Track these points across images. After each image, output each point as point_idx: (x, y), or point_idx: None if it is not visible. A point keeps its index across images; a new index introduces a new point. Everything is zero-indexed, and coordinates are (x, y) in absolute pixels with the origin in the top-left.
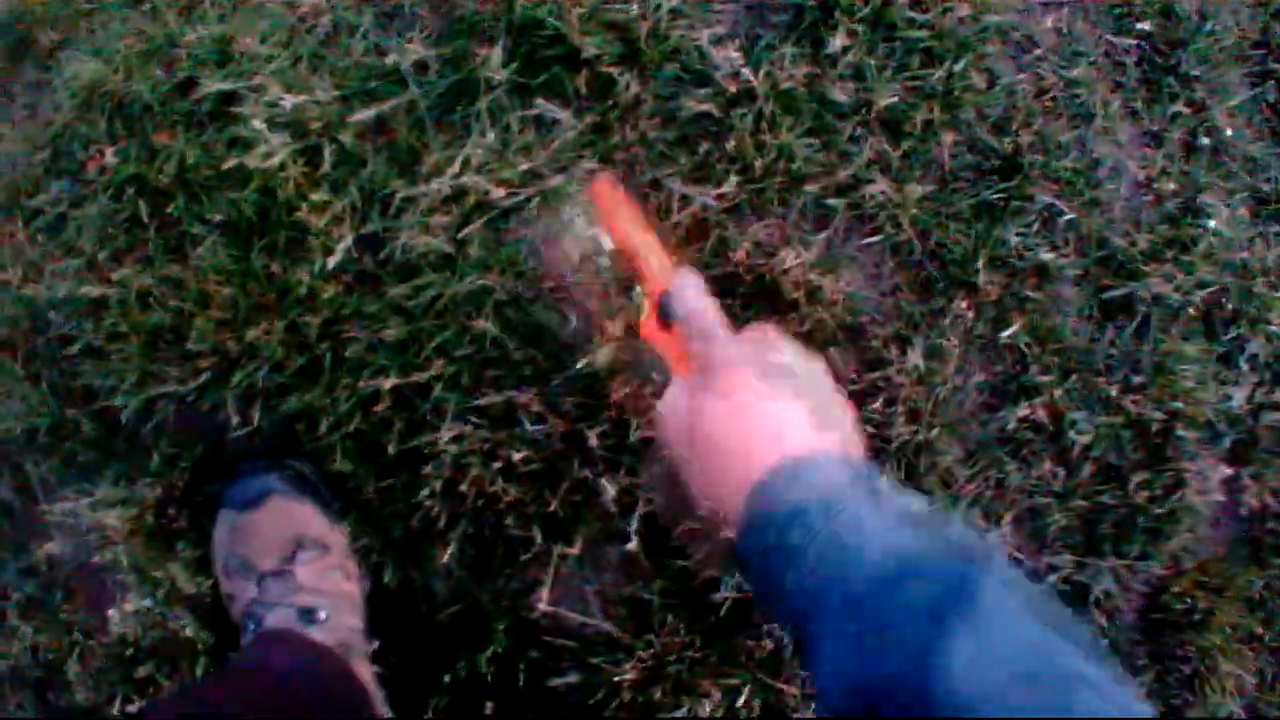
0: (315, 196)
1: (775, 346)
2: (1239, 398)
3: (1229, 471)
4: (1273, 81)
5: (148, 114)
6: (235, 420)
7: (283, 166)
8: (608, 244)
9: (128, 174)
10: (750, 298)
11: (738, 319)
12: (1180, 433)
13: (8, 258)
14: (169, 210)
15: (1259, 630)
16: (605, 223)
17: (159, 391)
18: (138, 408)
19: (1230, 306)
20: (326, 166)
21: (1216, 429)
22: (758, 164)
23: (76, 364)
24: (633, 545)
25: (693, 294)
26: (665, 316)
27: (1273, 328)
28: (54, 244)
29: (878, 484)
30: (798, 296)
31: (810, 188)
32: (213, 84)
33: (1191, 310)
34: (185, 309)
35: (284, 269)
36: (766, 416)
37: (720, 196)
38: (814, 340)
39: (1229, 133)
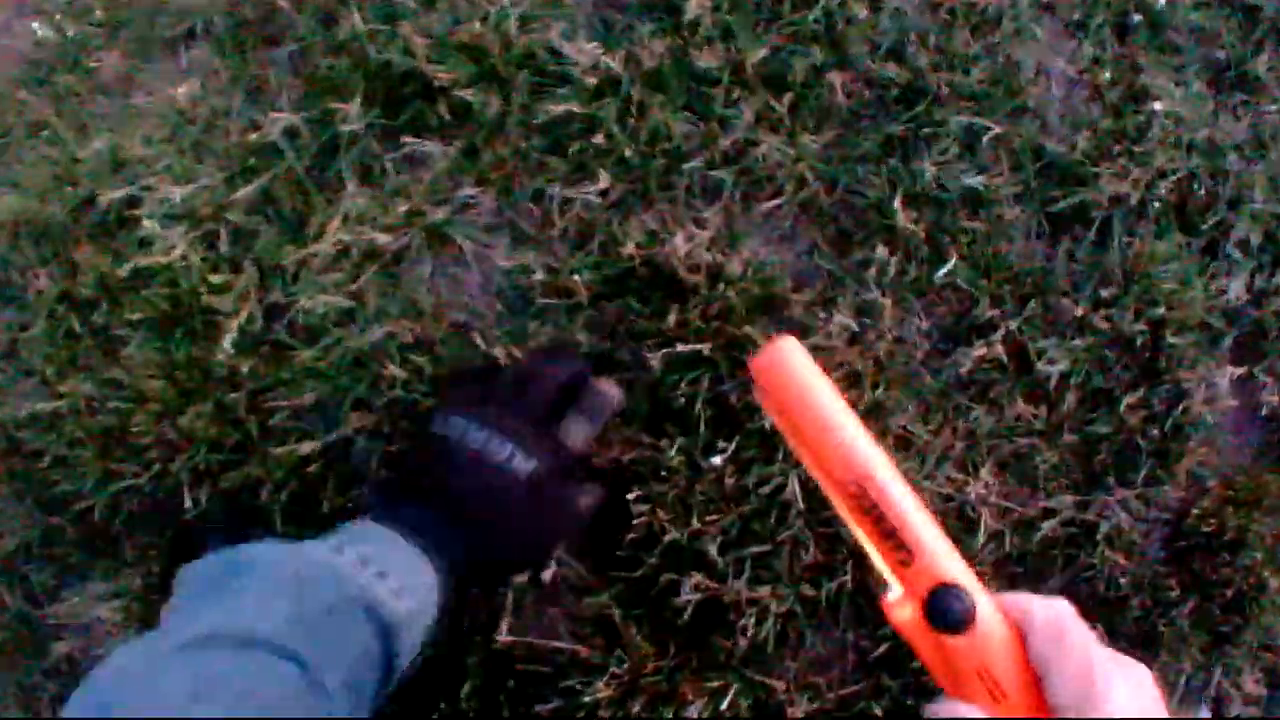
0: (216, 279)
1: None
2: (1236, 288)
3: (1238, 372)
4: None
5: (65, 233)
6: (189, 502)
7: (184, 256)
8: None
9: (57, 292)
10: (648, 290)
11: (638, 315)
12: (1171, 339)
13: None
14: (95, 318)
15: None
16: (792, 441)
17: (120, 487)
18: (105, 505)
19: (1202, 191)
20: (223, 248)
21: (1213, 328)
22: (630, 151)
23: (50, 475)
24: (546, 575)
25: (1066, 623)
26: (947, 621)
27: (1257, 205)
28: (12, 369)
29: None
30: (698, 280)
31: (694, 163)
32: (112, 193)
33: (1157, 204)
34: (125, 407)
35: (204, 353)
36: None
37: (601, 193)
38: (729, 322)
39: (1162, 2)
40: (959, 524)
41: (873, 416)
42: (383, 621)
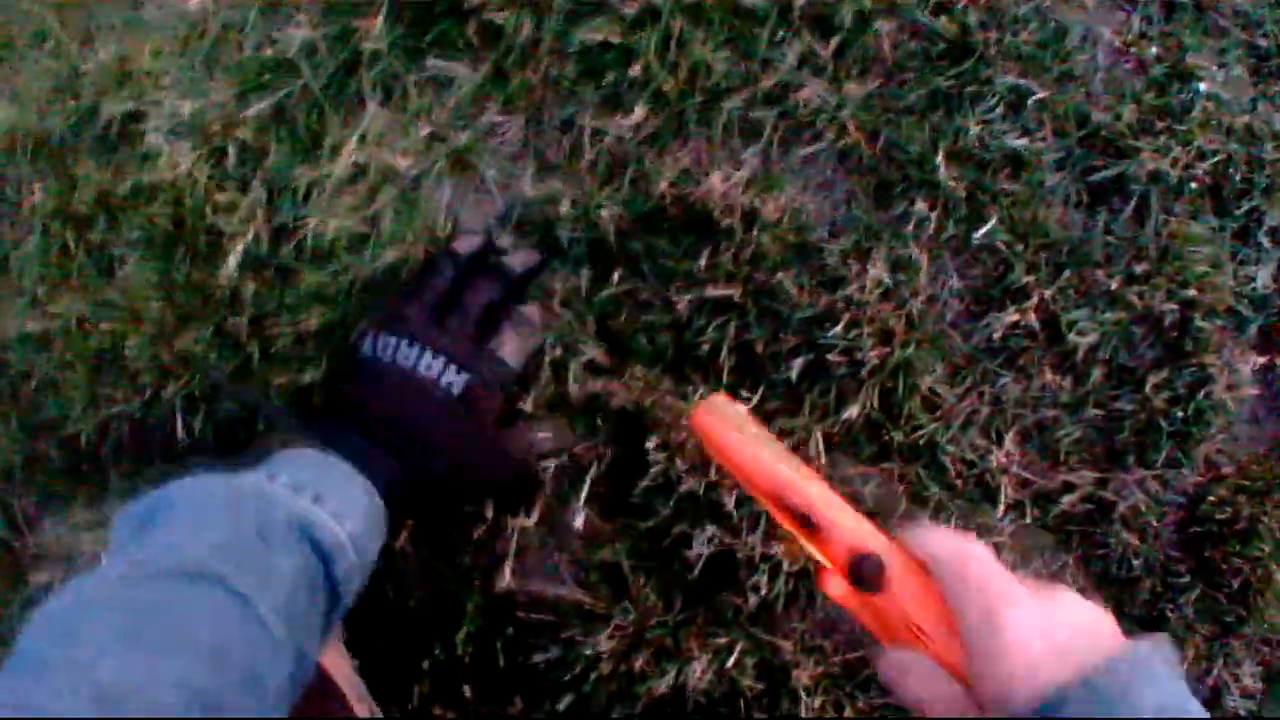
0: (223, 198)
1: (1070, 611)
2: (1263, 277)
3: (1261, 360)
4: None
5: (64, 147)
6: (181, 432)
7: (190, 174)
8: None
9: (52, 208)
10: (680, 231)
11: (668, 256)
12: (1199, 322)
13: None
14: (93, 236)
15: None
16: (729, 466)
17: (109, 413)
18: (93, 431)
19: (1238, 177)
20: (231, 165)
21: (1241, 315)
22: (669, 86)
23: (37, 398)
24: (579, 523)
25: (960, 549)
26: (870, 581)
27: None
28: (3, 286)
29: None
30: (732, 222)
31: (733, 102)
32: (116, 107)
33: (1194, 185)
34: (119, 329)
35: (205, 275)
36: None
37: (635, 126)
38: (761, 268)
39: None
40: (978, 492)
41: (900, 374)
42: (320, 545)
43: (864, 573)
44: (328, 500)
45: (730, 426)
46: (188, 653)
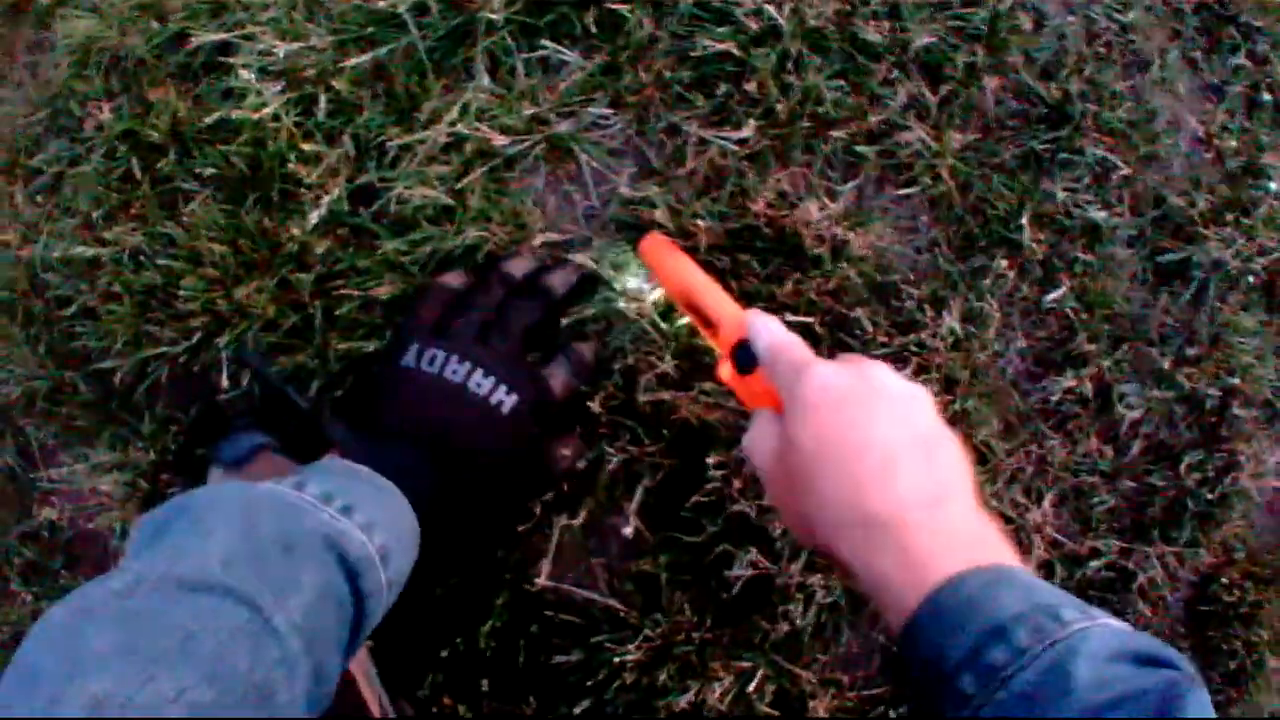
0: (308, 147)
1: (876, 372)
2: None
3: None
4: None
5: (142, 69)
6: (226, 382)
7: (275, 117)
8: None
9: (121, 130)
10: (769, 253)
11: (755, 275)
12: (1237, 410)
13: (6, 219)
14: (161, 166)
15: None
16: (662, 279)
17: (152, 353)
18: (131, 369)
19: None
20: (320, 116)
21: (1275, 408)
22: (781, 107)
23: (73, 326)
24: (629, 530)
25: (776, 328)
26: (744, 363)
27: None
28: (51, 204)
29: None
30: (822, 252)
31: (839, 133)
32: (205, 36)
33: (1251, 279)
34: (176, 267)
35: (276, 224)
36: (889, 458)
37: (741, 141)
38: (841, 301)
39: None
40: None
41: (958, 423)
42: (348, 557)
43: (743, 357)
44: (358, 512)
45: (666, 253)
46: (187, 664)
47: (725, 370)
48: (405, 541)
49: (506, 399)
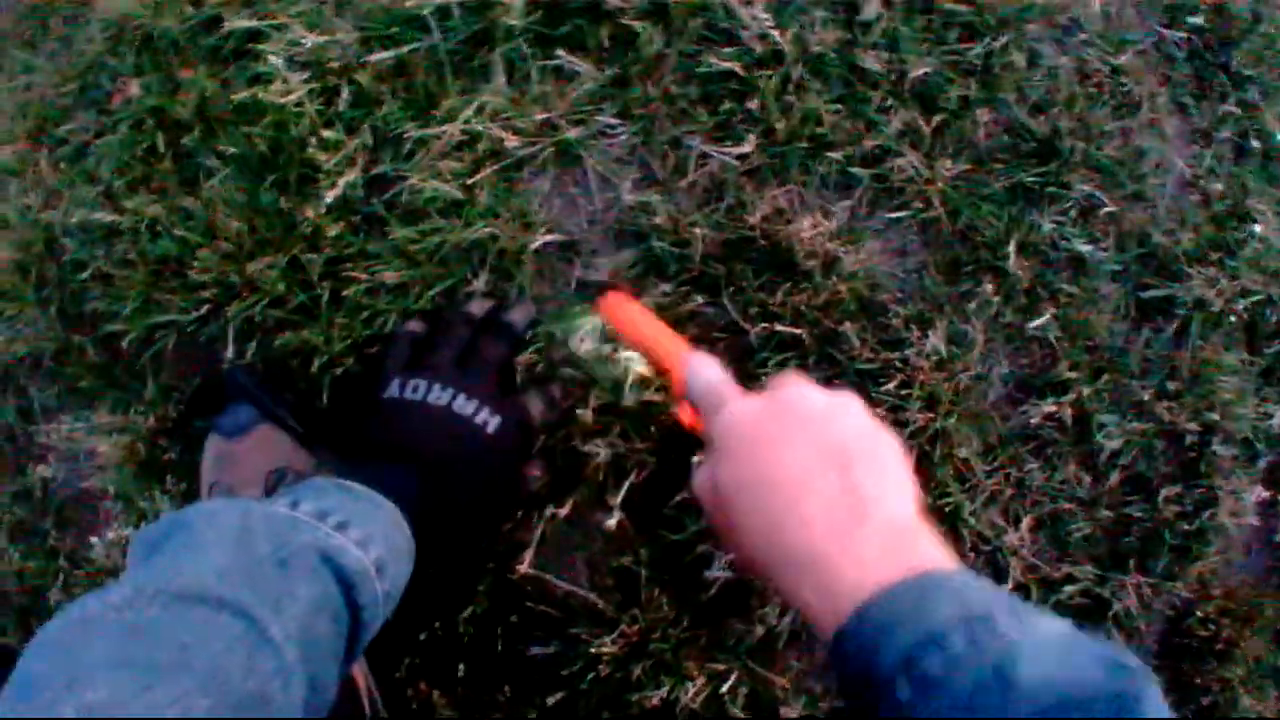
0: (328, 134)
1: (791, 395)
2: (1279, 418)
3: (1265, 494)
4: None
5: (174, 49)
6: (231, 353)
7: (299, 104)
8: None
9: (149, 105)
10: (763, 264)
11: (748, 285)
12: (1216, 448)
13: (30, 183)
14: (185, 142)
15: None
16: (623, 333)
17: (160, 320)
18: (139, 335)
19: (1274, 319)
20: (342, 106)
21: (1254, 448)
22: (781, 126)
23: (85, 290)
24: (612, 522)
25: (709, 372)
26: (693, 403)
27: None
28: (75, 172)
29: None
30: (813, 266)
31: (835, 154)
32: (237, 21)
33: (1234, 318)
34: (192, 239)
35: (291, 205)
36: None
37: (741, 157)
38: (830, 316)
39: (1279, 136)
40: (988, 569)
41: (939, 441)
42: (344, 571)
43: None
44: (353, 527)
45: (625, 309)
46: (184, 674)
47: (685, 413)
48: (400, 554)
49: (491, 419)
